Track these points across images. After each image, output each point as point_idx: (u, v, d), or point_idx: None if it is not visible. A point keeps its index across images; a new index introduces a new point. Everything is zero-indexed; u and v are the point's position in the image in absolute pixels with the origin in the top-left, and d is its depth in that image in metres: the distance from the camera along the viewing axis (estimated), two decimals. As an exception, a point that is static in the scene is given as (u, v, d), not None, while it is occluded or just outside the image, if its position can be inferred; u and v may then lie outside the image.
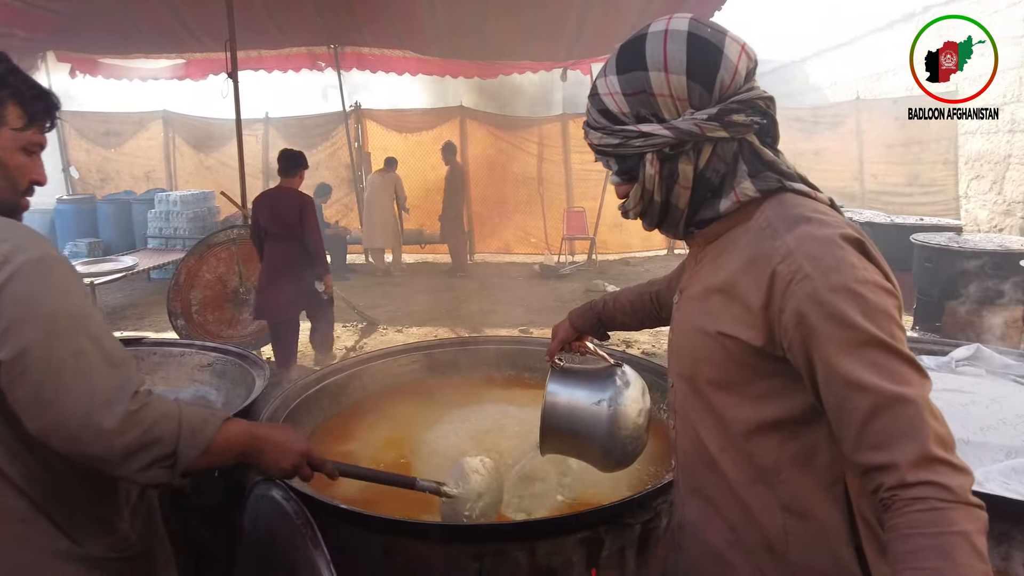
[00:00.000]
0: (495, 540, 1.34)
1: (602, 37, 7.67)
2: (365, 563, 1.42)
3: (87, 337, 0.99)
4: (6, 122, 1.07)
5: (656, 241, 11.20)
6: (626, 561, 1.48)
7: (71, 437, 0.95)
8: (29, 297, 0.96)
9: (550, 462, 1.81)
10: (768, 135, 0.99)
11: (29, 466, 1.02)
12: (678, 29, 0.94)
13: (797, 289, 0.82)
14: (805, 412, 0.89)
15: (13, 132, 1.07)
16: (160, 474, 1.02)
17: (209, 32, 7.25)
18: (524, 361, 2.53)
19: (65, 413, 0.95)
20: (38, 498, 1.02)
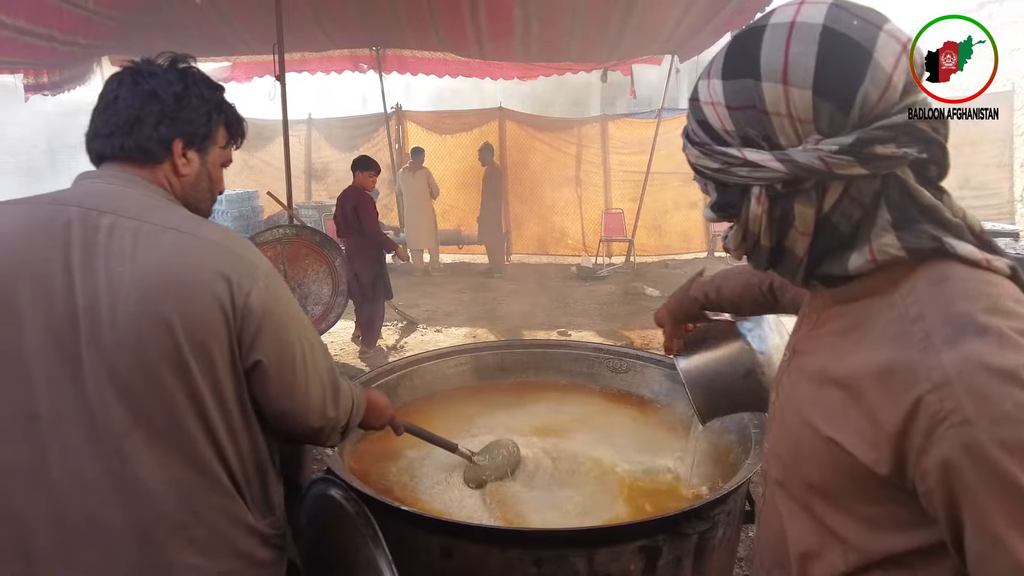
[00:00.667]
0: (555, 546, 1.35)
1: (644, 37, 7.61)
2: (422, 564, 1.44)
3: (312, 333, 1.22)
4: (216, 141, 1.23)
5: (695, 243, 11.07)
6: (682, 571, 1.46)
7: (307, 416, 1.21)
8: (283, 303, 1.15)
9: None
10: (931, 168, 0.72)
11: (241, 449, 1.15)
12: (810, 21, 0.69)
13: (951, 435, 0.61)
14: (932, 546, 0.69)
15: (219, 150, 1.25)
16: (339, 439, 1.34)
17: (256, 36, 7.43)
18: (569, 366, 2.53)
19: (309, 398, 1.20)
20: (238, 477, 1.14)
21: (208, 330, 1.05)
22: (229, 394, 1.11)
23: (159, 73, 1.16)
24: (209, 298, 1.05)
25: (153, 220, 1.08)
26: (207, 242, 1.09)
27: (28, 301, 1.01)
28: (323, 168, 11.27)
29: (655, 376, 2.36)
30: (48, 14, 5.56)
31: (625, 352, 2.48)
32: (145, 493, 1.04)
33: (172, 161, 1.17)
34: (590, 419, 2.18)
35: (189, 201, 1.22)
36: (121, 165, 1.15)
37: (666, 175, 10.69)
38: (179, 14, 6.80)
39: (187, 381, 1.05)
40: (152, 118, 1.14)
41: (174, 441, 1.05)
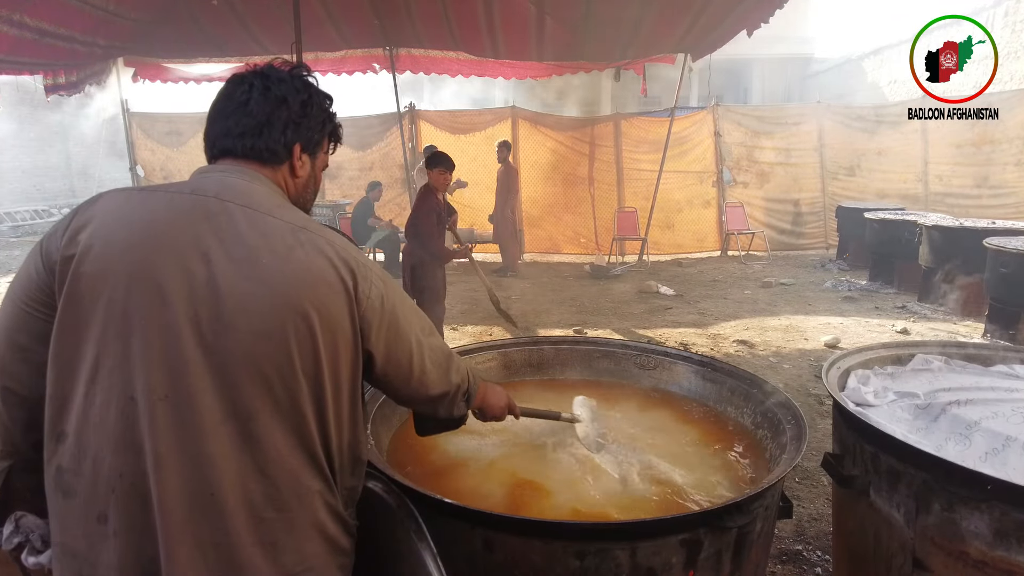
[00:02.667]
0: (598, 539, 1.35)
1: (658, 38, 7.60)
2: (463, 558, 1.45)
3: (424, 320, 1.33)
4: (323, 147, 1.33)
5: (709, 242, 11.04)
6: (722, 564, 1.46)
7: (434, 389, 1.34)
8: (398, 298, 1.25)
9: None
10: None
11: (343, 438, 1.20)
12: None
13: None
14: None
15: (324, 155, 1.35)
16: (464, 406, 1.46)
17: (271, 36, 7.48)
18: (596, 363, 2.54)
19: (427, 379, 1.31)
20: (336, 466, 1.19)
21: (339, 324, 1.13)
22: (345, 386, 1.17)
23: (287, 80, 1.24)
24: (341, 295, 1.13)
25: (284, 217, 1.14)
26: (333, 243, 1.17)
27: (172, 285, 1.05)
28: (336, 167, 11.30)
29: (683, 372, 2.36)
30: (69, 16, 5.61)
31: (652, 349, 2.48)
32: (260, 473, 1.08)
33: (291, 163, 1.25)
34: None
35: (299, 201, 1.30)
36: (246, 163, 1.22)
37: (679, 173, 10.68)
38: (196, 15, 6.86)
39: (315, 371, 1.11)
40: (280, 123, 1.22)
41: (292, 425, 1.10)
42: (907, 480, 1.64)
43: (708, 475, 1.80)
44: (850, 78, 17.39)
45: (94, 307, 1.05)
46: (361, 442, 1.27)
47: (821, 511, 3.06)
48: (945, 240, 6.79)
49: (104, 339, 1.05)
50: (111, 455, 1.04)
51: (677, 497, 1.68)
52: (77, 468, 1.06)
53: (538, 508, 1.64)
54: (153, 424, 1.03)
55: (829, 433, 2.42)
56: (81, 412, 1.06)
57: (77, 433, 1.06)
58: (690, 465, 1.84)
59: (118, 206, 1.12)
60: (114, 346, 1.05)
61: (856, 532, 1.89)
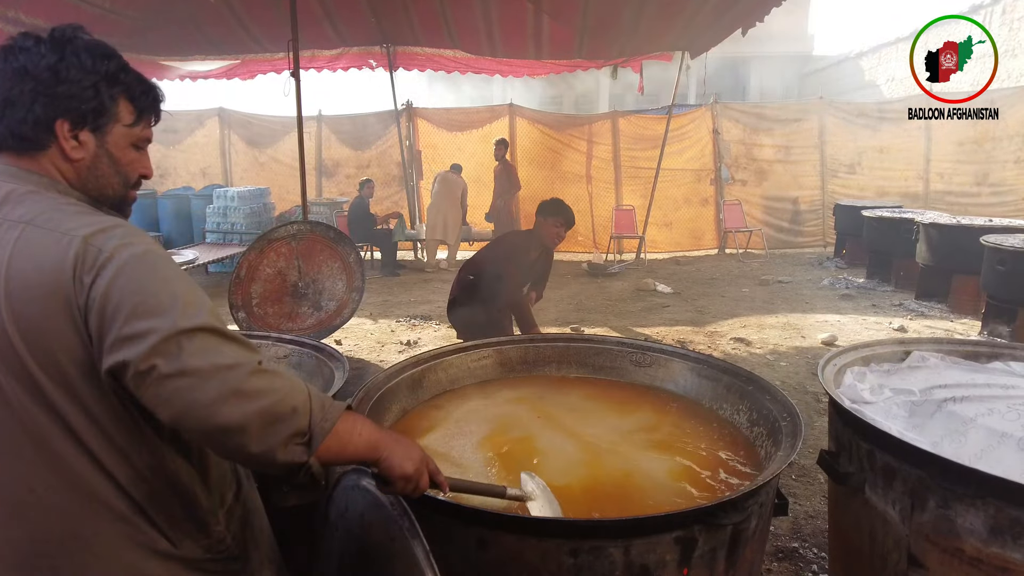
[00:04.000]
0: (592, 536, 1.34)
1: (655, 35, 7.58)
2: (458, 555, 1.44)
3: (199, 320, 0.95)
4: (118, 118, 1.08)
5: (707, 240, 11.04)
6: (716, 562, 1.46)
7: (206, 416, 0.91)
8: (138, 291, 0.93)
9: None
10: None
11: (136, 467, 1.02)
12: None
13: None
14: None
15: (124, 128, 1.09)
16: (298, 451, 0.98)
17: (268, 34, 7.45)
18: (592, 360, 2.53)
19: (195, 395, 0.91)
20: (140, 499, 1.02)
21: (52, 337, 0.93)
22: (97, 408, 0.97)
23: (31, 47, 1.02)
24: (52, 300, 0.92)
25: (8, 216, 0.97)
26: (58, 235, 0.94)
27: None
28: (334, 165, 11.29)
29: (679, 369, 2.36)
30: (66, 13, 5.59)
31: (648, 346, 2.47)
32: (17, 519, 0.96)
33: (59, 146, 1.03)
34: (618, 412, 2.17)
35: (89, 188, 1.08)
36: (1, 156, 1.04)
37: (677, 171, 10.67)
38: (193, 12, 6.83)
39: (39, 395, 0.94)
40: (24, 98, 1.00)
41: (40, 461, 0.96)
42: (902, 477, 1.64)
43: (703, 472, 1.80)
44: (848, 76, 17.40)
45: None
46: (170, 465, 1.05)
47: (818, 508, 3.06)
48: (942, 238, 6.80)
49: None
50: None
51: (671, 494, 1.68)
52: None
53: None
54: None
55: (826, 431, 2.42)
56: None
57: None
58: (684, 462, 1.84)
59: None
60: None
61: (852, 529, 1.88)
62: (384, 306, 7.47)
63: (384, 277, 9.05)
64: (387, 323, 6.70)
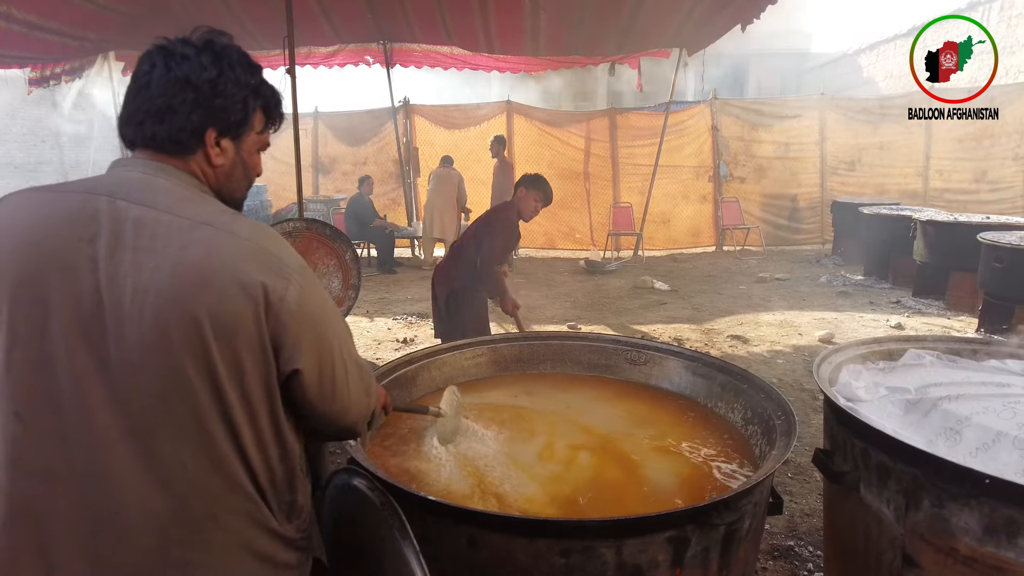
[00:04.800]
0: (584, 536, 1.33)
1: (652, 32, 7.56)
2: (448, 556, 1.43)
3: (344, 325, 1.18)
4: (252, 127, 1.17)
5: (704, 238, 11.03)
6: (710, 562, 1.45)
7: (346, 416, 1.20)
8: (318, 304, 1.12)
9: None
10: None
11: (268, 457, 1.12)
12: None
13: None
14: None
15: (256, 135, 1.19)
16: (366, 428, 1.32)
17: (264, 30, 7.40)
18: (587, 358, 2.52)
19: (349, 401, 1.19)
20: (264, 484, 1.12)
21: (238, 333, 1.02)
22: (259, 403, 1.07)
23: (192, 57, 1.08)
24: (241, 299, 1.01)
25: (184, 214, 1.03)
26: (240, 240, 1.04)
27: (55, 294, 0.98)
28: (330, 162, 11.26)
29: (674, 367, 2.35)
30: (59, 9, 5.56)
31: (644, 344, 2.46)
32: (165, 491, 1.02)
33: (205, 152, 1.12)
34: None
35: (223, 191, 1.18)
36: (153, 153, 1.10)
37: (675, 168, 10.65)
38: (188, 8, 6.79)
39: (213, 383, 1.02)
40: (185, 107, 1.07)
41: (197, 442, 1.03)
42: (897, 476, 1.63)
43: (697, 470, 1.78)
44: (846, 73, 17.39)
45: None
46: (292, 457, 1.17)
47: (814, 506, 3.05)
48: (940, 235, 6.79)
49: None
50: (2, 471, 1.00)
51: (665, 493, 1.67)
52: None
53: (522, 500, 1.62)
54: (41, 441, 0.99)
55: (822, 428, 2.41)
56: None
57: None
58: (677, 461, 1.83)
59: (13, 209, 1.05)
60: (1, 361, 0.99)
61: (847, 528, 1.87)
62: (381, 304, 7.45)
63: (381, 275, 9.03)
64: (384, 321, 6.68)
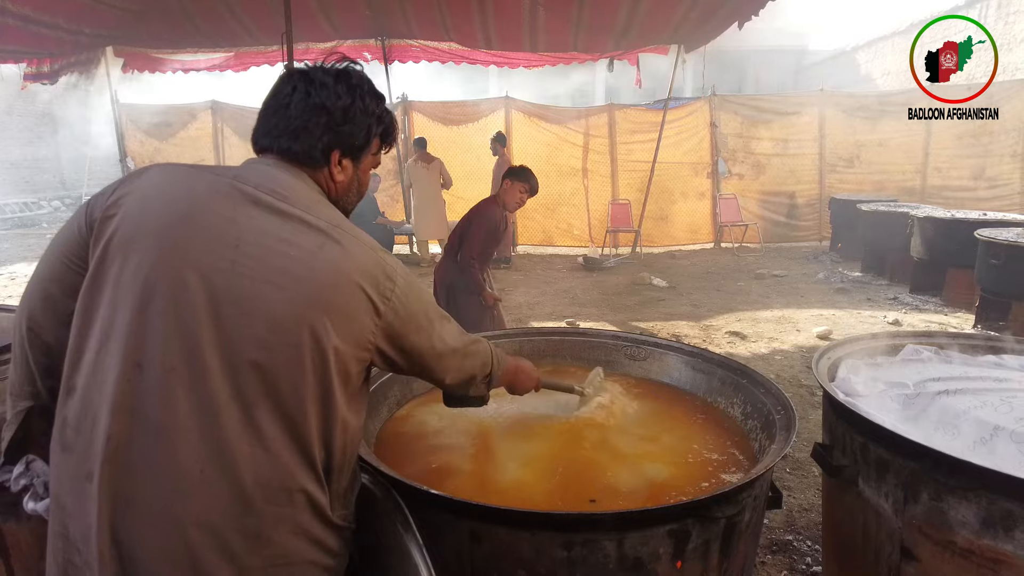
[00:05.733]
0: (586, 529, 1.34)
1: (651, 29, 7.55)
2: (451, 549, 1.43)
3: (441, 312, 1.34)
4: (371, 149, 1.32)
5: (702, 234, 11.04)
6: (710, 555, 1.46)
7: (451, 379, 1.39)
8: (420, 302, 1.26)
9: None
10: None
11: (333, 442, 1.17)
12: None
13: None
14: None
15: (371, 156, 1.33)
16: (483, 388, 1.52)
17: (262, 26, 7.39)
18: (588, 353, 2.53)
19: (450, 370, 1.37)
20: (332, 467, 1.18)
21: (357, 326, 1.14)
22: (356, 388, 1.19)
23: (330, 85, 1.23)
24: (362, 296, 1.14)
25: (319, 215, 1.16)
26: (364, 245, 1.18)
27: (198, 264, 1.07)
28: (328, 159, 11.24)
29: (673, 363, 2.35)
30: (54, 3, 5.53)
31: (643, 340, 2.47)
32: (254, 460, 1.08)
33: (329, 168, 1.26)
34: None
35: (339, 202, 1.30)
36: (287, 160, 1.23)
37: (673, 165, 10.65)
38: (185, 4, 6.76)
39: (324, 371, 1.11)
40: (318, 130, 1.22)
41: (290, 422, 1.10)
42: (895, 470, 1.64)
43: (697, 465, 1.79)
44: (844, 70, 17.39)
45: (121, 271, 1.08)
46: (357, 445, 1.27)
47: (812, 501, 3.07)
48: (937, 232, 6.81)
49: (123, 304, 1.07)
50: (106, 417, 1.05)
51: (665, 487, 1.68)
52: (78, 425, 1.09)
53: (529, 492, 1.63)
54: (157, 393, 1.05)
55: (820, 424, 2.42)
56: (91, 370, 1.08)
57: (85, 389, 1.09)
58: (678, 455, 1.84)
59: (163, 180, 1.16)
60: (130, 312, 1.06)
61: (845, 522, 1.89)
62: (379, 300, 7.44)
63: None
64: (382, 317, 6.68)
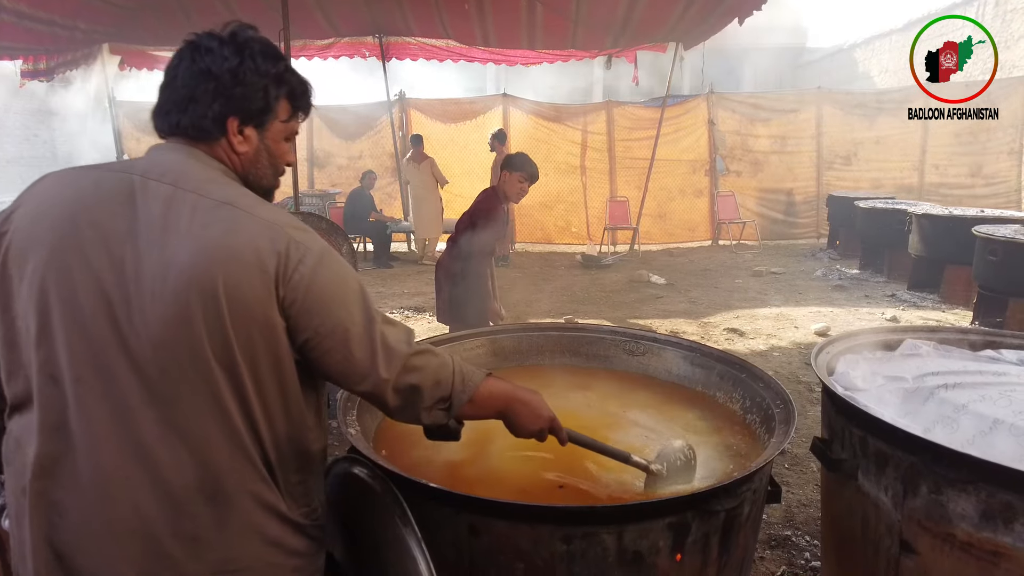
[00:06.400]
0: (585, 523, 1.33)
1: (649, 26, 7.54)
2: (449, 543, 1.43)
3: (371, 308, 1.17)
4: (277, 115, 1.19)
5: (700, 232, 11.04)
6: (710, 548, 1.45)
7: (382, 389, 1.16)
8: (331, 284, 1.12)
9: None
10: None
11: (278, 433, 1.13)
12: None
13: None
14: None
15: (281, 124, 1.20)
16: (440, 415, 1.25)
17: (258, 22, 7.31)
18: (585, 348, 2.52)
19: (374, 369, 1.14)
20: (274, 462, 1.13)
21: (254, 307, 1.06)
22: (269, 374, 1.10)
23: (215, 49, 1.13)
24: (257, 277, 1.05)
25: (210, 194, 1.08)
26: (261, 221, 1.08)
27: (87, 265, 1.04)
28: (325, 156, 11.21)
29: (672, 358, 2.35)
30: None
31: (641, 335, 2.46)
32: (179, 462, 1.05)
33: (228, 139, 1.16)
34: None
35: (250, 177, 1.21)
36: (184, 140, 1.15)
37: (672, 162, 10.65)
38: (182, 0, 6.74)
39: (228, 357, 1.05)
40: (207, 97, 1.12)
41: (216, 415, 1.06)
42: (895, 463, 1.64)
43: (696, 458, 1.79)
44: (842, 68, 17.39)
45: (20, 284, 1.06)
46: (305, 438, 1.18)
47: (810, 497, 3.07)
48: (935, 229, 6.82)
49: (30, 317, 1.05)
50: (35, 432, 1.04)
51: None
52: (19, 439, 1.08)
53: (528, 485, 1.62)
54: (73, 405, 1.03)
55: (818, 420, 2.42)
56: (21, 387, 1.07)
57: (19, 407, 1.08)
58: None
59: (52, 185, 1.12)
60: (35, 325, 1.04)
61: (844, 516, 1.88)
62: (377, 298, 7.44)
63: (377, 269, 9.02)
64: (380, 314, 6.67)
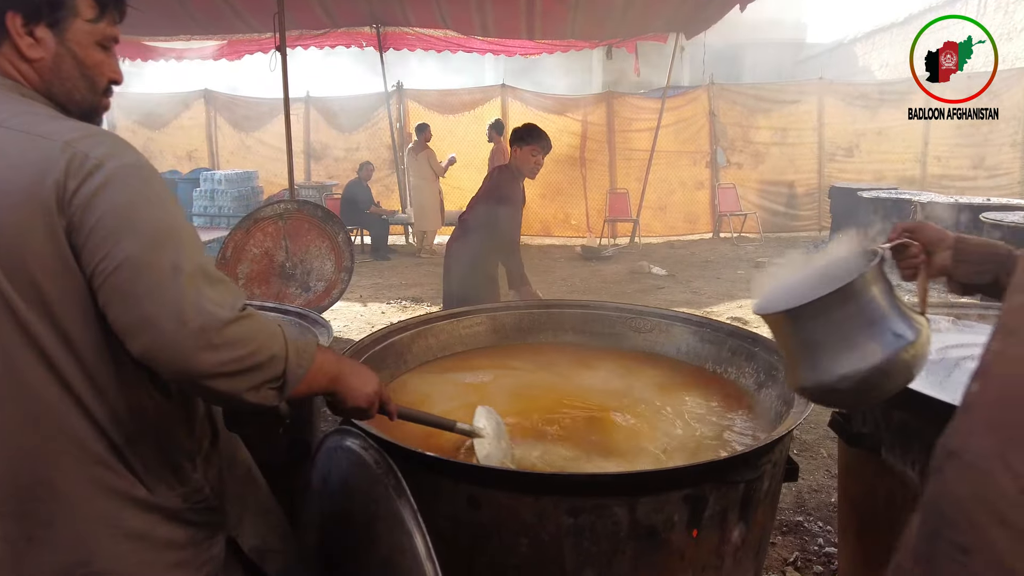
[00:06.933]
0: (594, 494, 1.23)
1: (649, 14, 7.43)
2: (446, 516, 1.33)
3: (185, 251, 0.90)
4: (78, 12, 0.98)
5: (701, 224, 10.94)
6: (728, 524, 1.35)
7: (178, 356, 0.85)
8: (128, 206, 0.88)
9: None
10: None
11: (115, 405, 0.95)
12: None
13: None
14: None
15: (87, 24, 0.99)
16: (270, 395, 0.95)
17: (254, 11, 7.25)
18: (590, 326, 2.42)
19: (166, 330, 0.85)
20: (118, 441, 0.95)
21: (27, 248, 0.85)
22: (77, 333, 0.89)
23: None
24: (28, 207, 0.84)
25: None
26: (34, 138, 0.87)
27: None
28: (322, 148, 11.10)
29: (680, 333, 2.25)
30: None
31: (648, 311, 2.36)
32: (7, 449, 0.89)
33: (12, 42, 0.94)
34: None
35: (55, 92, 0.99)
36: None
37: (672, 154, 10.54)
38: (176, -13, 6.63)
39: (16, 321, 0.86)
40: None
41: (13, 394, 0.88)
42: (923, 435, 1.54)
43: (712, 434, 1.69)
44: (842, 62, 17.30)
45: None
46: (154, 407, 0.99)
47: (821, 482, 2.97)
48: (941, 216, 6.73)
49: None
50: None
51: (678, 458, 1.57)
52: None
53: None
54: None
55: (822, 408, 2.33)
56: None
57: None
58: (692, 425, 1.73)
59: None
60: None
61: (866, 494, 1.79)
62: (375, 289, 7.34)
63: (375, 261, 8.91)
64: (377, 306, 6.58)
